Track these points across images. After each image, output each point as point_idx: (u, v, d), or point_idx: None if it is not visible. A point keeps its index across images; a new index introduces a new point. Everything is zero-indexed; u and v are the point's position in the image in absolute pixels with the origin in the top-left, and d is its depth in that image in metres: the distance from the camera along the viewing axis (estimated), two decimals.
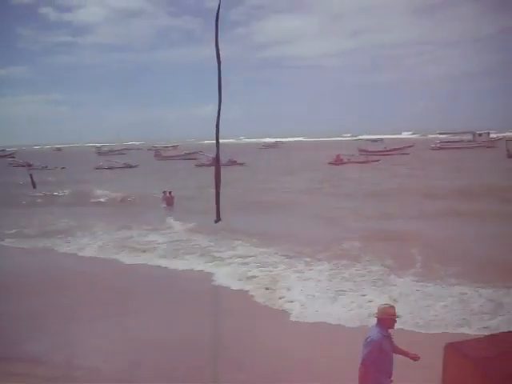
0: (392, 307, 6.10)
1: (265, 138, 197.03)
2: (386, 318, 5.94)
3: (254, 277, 14.65)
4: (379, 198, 30.34)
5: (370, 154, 70.51)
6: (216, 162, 6.32)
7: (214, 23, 6.41)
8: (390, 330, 6.02)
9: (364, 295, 12.57)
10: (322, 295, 12.78)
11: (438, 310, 11.47)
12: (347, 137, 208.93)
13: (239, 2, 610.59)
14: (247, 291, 13.40)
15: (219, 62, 6.23)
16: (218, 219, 6.68)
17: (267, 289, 13.46)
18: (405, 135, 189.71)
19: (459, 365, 5.64)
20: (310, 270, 15.17)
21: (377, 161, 60.07)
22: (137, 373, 8.98)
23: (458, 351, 5.72)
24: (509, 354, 5.57)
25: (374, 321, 6.05)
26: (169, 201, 30.47)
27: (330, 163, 59.98)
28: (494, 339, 6.13)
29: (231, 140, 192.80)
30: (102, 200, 34.32)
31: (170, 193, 30.89)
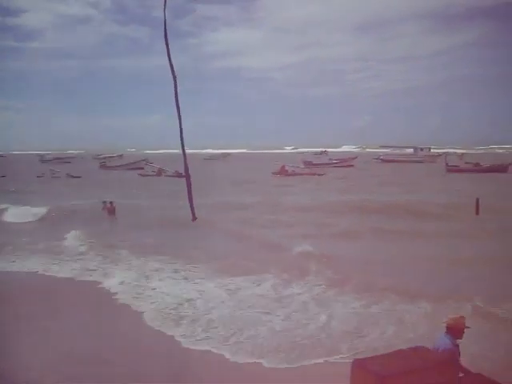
0: (463, 317, 6.51)
1: (208, 149, 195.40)
2: (459, 328, 6.29)
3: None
4: (313, 213, 29.30)
5: (315, 166, 70.59)
6: (185, 171, 6.43)
7: (161, 33, 6.46)
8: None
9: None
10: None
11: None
12: (290, 149, 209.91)
13: (188, 12, 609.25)
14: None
15: (175, 77, 5.84)
16: (194, 218, 7.08)
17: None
18: (347, 148, 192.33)
19: (364, 381, 5.63)
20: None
21: (322, 174, 59.16)
22: None
23: (363, 367, 5.75)
24: (413, 370, 5.64)
25: None
26: (110, 211, 29.65)
27: (274, 174, 59.00)
28: (400, 354, 6.15)
29: (175, 151, 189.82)
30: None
31: (111, 203, 30.07)
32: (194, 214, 7.61)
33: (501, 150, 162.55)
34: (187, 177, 7.20)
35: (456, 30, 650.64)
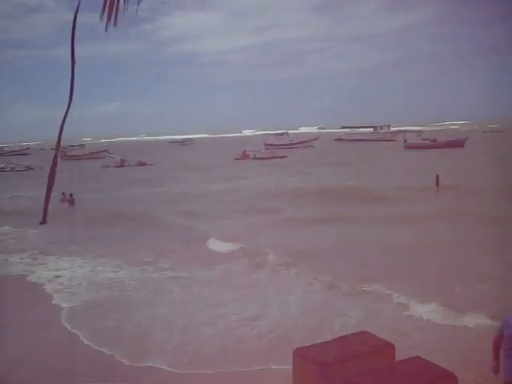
0: None
1: (169, 135, 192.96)
2: None
3: None
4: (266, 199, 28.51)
5: (276, 148, 70.92)
6: (53, 164, 5.24)
7: (118, 20, 5.44)
8: None
9: None
10: None
11: None
12: (252, 132, 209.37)
13: None
14: None
15: (73, 62, 5.38)
16: (44, 221, 6.09)
17: None
18: (308, 129, 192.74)
19: (306, 369, 5.58)
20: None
21: (283, 157, 59.47)
22: None
23: (304, 356, 5.68)
24: (353, 356, 5.56)
25: None
26: (70, 202, 29.49)
27: (236, 159, 58.91)
28: (342, 341, 6.08)
29: (133, 138, 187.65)
30: None
31: (71, 195, 29.67)
32: (45, 216, 7.23)
33: (455, 126, 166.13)
34: (52, 175, 6.78)
35: (411, 8, 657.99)
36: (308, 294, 12.50)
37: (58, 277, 14.97)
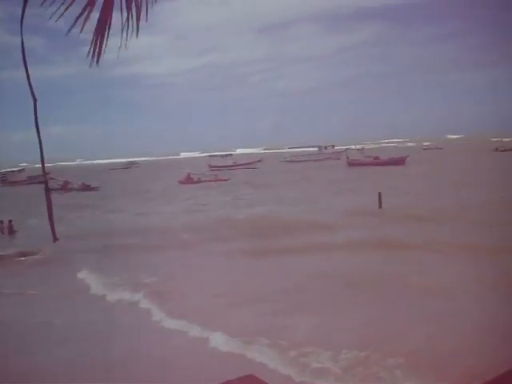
0: None
1: (115, 158, 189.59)
2: None
3: None
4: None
5: (220, 170, 70.23)
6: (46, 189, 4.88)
7: (56, 42, 4.42)
8: None
9: None
10: None
11: None
12: (197, 154, 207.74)
13: (83, 19, 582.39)
14: None
15: (35, 100, 4.36)
16: (56, 239, 5.17)
17: None
18: (254, 150, 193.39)
19: None
20: None
21: (227, 180, 58.23)
22: None
23: None
24: None
25: None
26: (9, 230, 27.61)
27: (180, 182, 57.46)
28: None
29: (72, 163, 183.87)
30: None
31: (9, 221, 27.80)
32: (54, 234, 6.47)
33: (393, 144, 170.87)
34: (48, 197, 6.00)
35: (350, 30, 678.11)
36: None
37: None
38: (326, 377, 9.07)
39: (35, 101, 5.39)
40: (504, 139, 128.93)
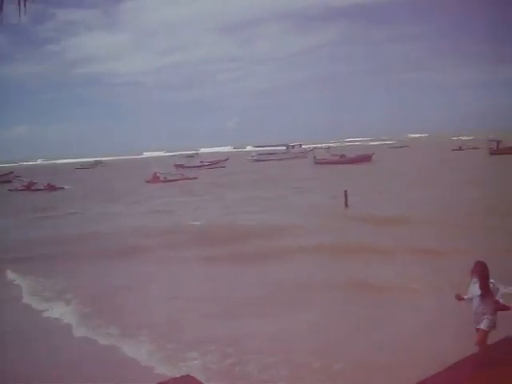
0: None
1: (81, 158, 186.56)
2: None
3: None
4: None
5: (187, 169, 69.76)
6: None
7: (20, 39, 4.05)
8: None
9: None
10: None
11: None
12: (163, 153, 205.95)
13: (48, 18, 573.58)
14: None
15: None
16: None
17: None
18: (221, 149, 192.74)
19: None
20: None
21: (194, 178, 58.07)
22: None
23: None
24: None
25: None
26: None
27: (147, 182, 56.84)
28: None
29: (41, 162, 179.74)
30: None
31: None
32: None
33: (357, 143, 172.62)
34: None
35: (316, 30, 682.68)
36: None
37: None
38: None
39: None
40: (463, 138, 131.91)
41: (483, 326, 7.75)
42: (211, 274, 16.70)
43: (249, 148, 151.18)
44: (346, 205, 28.16)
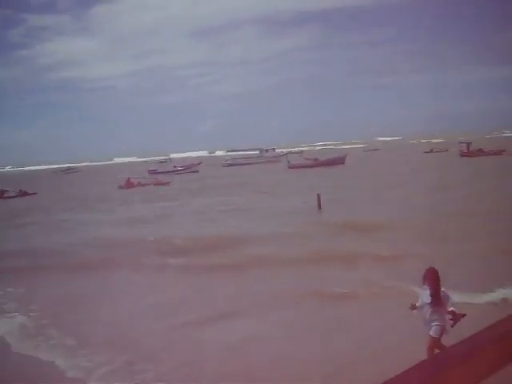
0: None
1: (52, 164, 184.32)
2: None
3: None
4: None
5: (160, 174, 69.49)
6: None
7: None
8: None
9: None
10: None
11: None
12: (135, 158, 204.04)
13: (18, 23, 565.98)
14: None
15: None
16: None
17: None
18: (194, 154, 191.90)
19: None
20: None
21: (167, 183, 58.00)
22: None
23: None
24: None
25: None
26: None
27: (120, 187, 56.32)
28: None
29: (4, 169, 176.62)
30: None
31: None
32: None
33: (329, 146, 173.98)
34: None
35: (289, 35, 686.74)
36: None
37: None
38: None
39: None
40: (432, 140, 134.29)
41: (432, 333, 8.00)
42: (176, 284, 16.52)
43: (222, 153, 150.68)
44: (319, 207, 28.30)
